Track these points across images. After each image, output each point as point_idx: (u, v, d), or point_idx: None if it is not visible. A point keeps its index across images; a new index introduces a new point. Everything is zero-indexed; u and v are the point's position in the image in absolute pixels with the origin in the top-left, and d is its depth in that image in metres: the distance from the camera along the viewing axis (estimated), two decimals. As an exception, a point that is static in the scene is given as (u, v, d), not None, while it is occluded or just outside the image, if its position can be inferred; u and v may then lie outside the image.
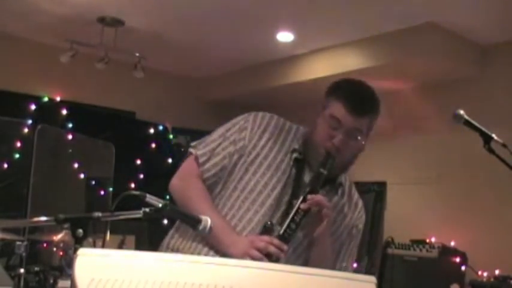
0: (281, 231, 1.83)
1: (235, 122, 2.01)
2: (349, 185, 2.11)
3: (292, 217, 1.83)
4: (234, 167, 1.95)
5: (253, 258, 1.78)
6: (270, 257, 1.79)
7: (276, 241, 1.80)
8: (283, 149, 1.97)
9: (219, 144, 1.97)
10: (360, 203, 2.12)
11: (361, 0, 4.38)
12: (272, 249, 1.79)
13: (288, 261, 1.84)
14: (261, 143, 1.96)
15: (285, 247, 1.81)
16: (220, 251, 1.86)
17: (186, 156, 2.04)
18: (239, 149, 1.95)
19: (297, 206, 1.84)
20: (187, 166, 2.02)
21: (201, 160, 1.97)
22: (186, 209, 1.86)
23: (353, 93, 1.98)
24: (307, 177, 1.95)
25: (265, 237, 1.83)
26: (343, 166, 1.99)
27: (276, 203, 1.90)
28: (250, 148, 1.95)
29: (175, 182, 2.01)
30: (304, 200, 1.84)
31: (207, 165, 1.97)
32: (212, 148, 1.98)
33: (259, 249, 1.80)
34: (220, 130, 2.02)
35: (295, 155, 1.96)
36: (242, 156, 1.95)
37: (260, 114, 2.02)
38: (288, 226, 1.83)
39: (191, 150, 2.03)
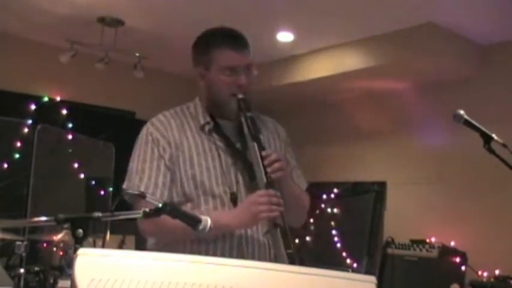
0: (264, 180, 1.86)
1: (143, 142, 2.01)
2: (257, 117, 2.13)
3: (263, 165, 1.87)
4: (174, 174, 1.96)
5: (265, 213, 1.81)
6: (277, 205, 1.83)
7: (270, 191, 1.84)
8: (193, 131, 2.01)
9: (150, 168, 1.95)
10: (275, 123, 2.21)
11: (361, 1, 4.38)
12: (273, 198, 1.83)
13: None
14: (177, 139, 1.99)
15: (278, 192, 1.86)
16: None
17: (132, 203, 1.95)
18: (169, 157, 1.96)
19: (258, 156, 1.88)
20: (143, 205, 1.88)
21: (150, 192, 1.92)
22: (174, 234, 1.86)
23: (227, 35, 2.01)
24: (232, 136, 2.00)
25: (259, 192, 1.86)
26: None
27: (225, 176, 1.95)
28: (174, 151, 1.97)
29: (145, 227, 1.97)
30: (260, 149, 1.89)
31: (159, 192, 1.94)
32: (148, 176, 1.94)
33: (263, 204, 1.82)
34: (137, 160, 1.99)
35: (207, 127, 2.01)
36: (173, 161, 1.96)
37: (153, 121, 2.05)
38: (266, 173, 1.87)
39: (129, 192, 1.93)
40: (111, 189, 5.50)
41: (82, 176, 5.49)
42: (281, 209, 1.83)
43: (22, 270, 3.74)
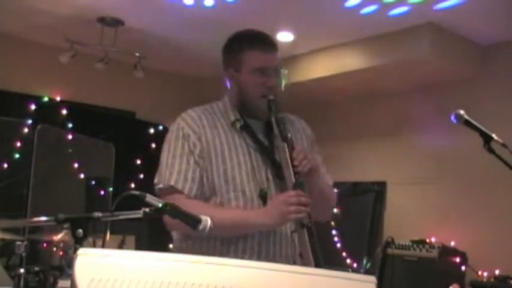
0: (293, 180, 1.90)
1: (174, 137, 2.03)
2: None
3: (292, 166, 1.91)
4: (205, 169, 1.98)
5: (294, 213, 1.85)
6: (305, 206, 1.86)
7: (299, 191, 1.87)
8: (224, 128, 2.03)
9: (180, 163, 1.97)
10: (301, 122, 2.25)
11: (361, 0, 4.38)
12: (302, 198, 1.86)
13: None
14: (209, 135, 2.01)
15: (306, 193, 1.89)
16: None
17: (160, 195, 1.98)
18: (199, 153, 1.98)
19: (288, 157, 1.92)
20: (171, 200, 1.93)
21: (179, 187, 1.96)
22: None
23: (256, 38, 2.06)
24: (260, 135, 2.03)
25: (289, 193, 1.89)
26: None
27: (255, 172, 1.97)
28: (205, 146, 1.99)
29: (167, 219, 1.95)
30: (290, 149, 1.93)
31: (188, 186, 1.96)
32: (178, 170, 1.97)
33: (293, 204, 1.85)
34: (167, 155, 2.02)
35: (238, 124, 2.03)
36: (204, 156, 1.98)
37: (184, 116, 2.07)
38: (295, 174, 1.90)
39: (160, 186, 2.00)
40: (111, 189, 5.50)
41: (82, 176, 5.49)
42: (308, 210, 1.86)
43: (22, 270, 3.73)
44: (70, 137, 5.38)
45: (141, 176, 5.78)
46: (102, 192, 5.53)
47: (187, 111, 2.10)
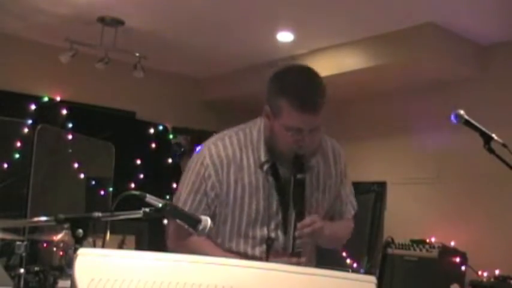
0: (290, 249, 1.89)
1: (196, 173, 1.99)
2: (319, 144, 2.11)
3: (293, 235, 1.89)
4: (216, 210, 1.98)
5: None
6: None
7: (293, 260, 1.86)
8: (251, 169, 1.98)
9: (193, 200, 1.97)
10: (335, 153, 2.17)
11: (361, 0, 4.38)
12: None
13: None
14: (231, 179, 1.96)
15: (303, 259, 1.88)
16: None
17: (168, 224, 2.02)
18: (214, 197, 1.97)
19: (292, 224, 1.90)
20: (176, 231, 2.00)
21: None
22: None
23: (299, 93, 1.88)
24: (284, 172, 1.97)
25: (284, 259, 1.88)
26: (312, 152, 2.02)
27: (270, 219, 1.96)
28: (225, 191, 1.96)
29: (172, 246, 2.02)
30: (297, 219, 1.90)
31: None
32: (189, 208, 1.96)
33: None
34: (185, 188, 2.00)
35: (266, 166, 1.97)
36: (220, 200, 1.97)
37: (213, 152, 1.98)
38: (294, 241, 1.89)
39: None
40: (111, 189, 5.50)
41: (82, 176, 5.49)
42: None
43: (22, 270, 3.74)
44: (70, 137, 5.38)
45: (141, 176, 5.78)
46: (102, 192, 5.53)
47: (218, 142, 2.00)
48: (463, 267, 4.67)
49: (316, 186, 2.04)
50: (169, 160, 5.98)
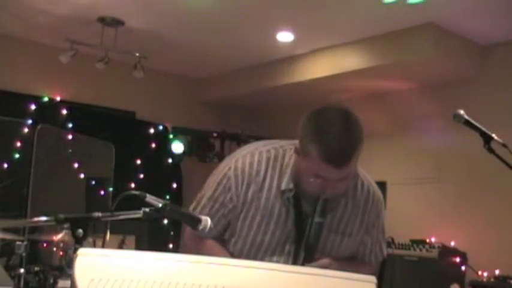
0: None
1: (218, 181, 1.98)
2: (353, 187, 2.05)
3: None
4: (230, 223, 1.98)
5: None
6: None
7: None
8: (271, 191, 1.94)
9: (211, 207, 1.98)
10: (368, 203, 2.08)
11: (361, 0, 4.38)
12: None
13: None
14: (248, 197, 1.94)
15: None
16: None
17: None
18: (231, 208, 1.96)
19: (300, 263, 1.87)
20: (191, 233, 2.00)
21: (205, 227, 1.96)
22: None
23: (329, 145, 1.76)
24: (306, 207, 1.92)
25: None
26: (339, 195, 1.94)
27: (280, 244, 1.94)
28: (240, 206, 1.95)
29: (188, 242, 2.04)
30: (305, 261, 1.87)
31: (208, 228, 1.92)
32: (206, 214, 1.93)
33: None
34: (208, 191, 2.00)
35: (287, 195, 1.93)
36: (235, 214, 1.96)
37: (239, 166, 1.95)
38: None
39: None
40: (111, 189, 5.50)
41: (82, 176, 5.49)
42: None
43: (22, 270, 3.74)
44: (70, 137, 5.38)
45: (141, 176, 5.78)
46: (102, 192, 5.53)
47: (247, 156, 1.96)
48: (463, 267, 4.67)
49: (336, 229, 1.97)
50: (169, 160, 5.98)
